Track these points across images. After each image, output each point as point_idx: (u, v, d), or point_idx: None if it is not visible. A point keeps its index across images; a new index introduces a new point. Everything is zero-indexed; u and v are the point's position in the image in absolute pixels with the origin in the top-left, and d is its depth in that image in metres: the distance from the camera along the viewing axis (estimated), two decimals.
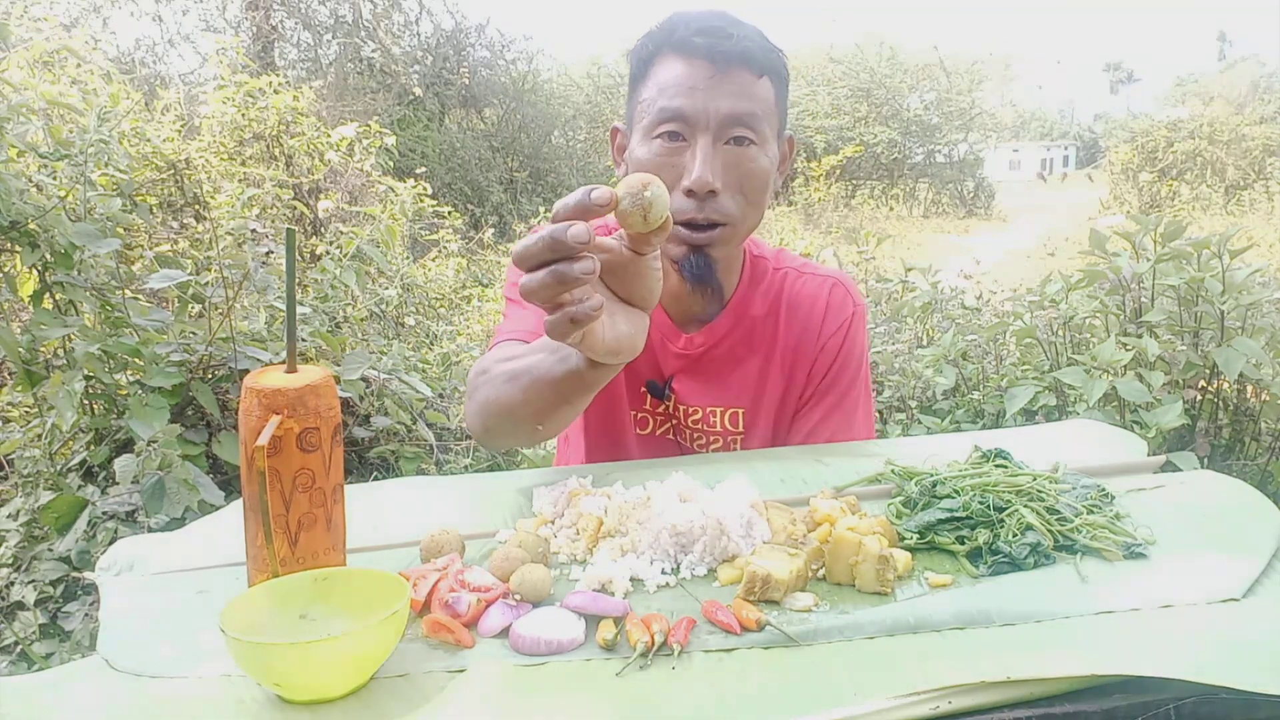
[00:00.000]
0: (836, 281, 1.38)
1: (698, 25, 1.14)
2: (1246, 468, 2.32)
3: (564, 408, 0.98)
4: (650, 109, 1.16)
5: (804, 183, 17.97)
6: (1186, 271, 2.22)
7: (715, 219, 1.16)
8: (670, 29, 1.17)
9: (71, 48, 3.91)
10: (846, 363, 1.35)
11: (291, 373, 0.82)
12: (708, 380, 1.33)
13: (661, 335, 1.32)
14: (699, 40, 1.13)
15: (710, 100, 1.12)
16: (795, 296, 1.35)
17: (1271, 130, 18.22)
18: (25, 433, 2.35)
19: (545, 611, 0.79)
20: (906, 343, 3.13)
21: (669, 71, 1.15)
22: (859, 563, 0.84)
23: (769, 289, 1.35)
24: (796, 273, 1.37)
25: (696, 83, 1.13)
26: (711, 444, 1.35)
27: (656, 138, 1.15)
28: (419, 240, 6.53)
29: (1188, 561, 0.88)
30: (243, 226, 3.20)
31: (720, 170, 1.14)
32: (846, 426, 1.36)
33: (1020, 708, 0.66)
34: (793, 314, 1.34)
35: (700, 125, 1.13)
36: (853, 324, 1.36)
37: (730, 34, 1.14)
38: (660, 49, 1.17)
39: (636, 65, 1.21)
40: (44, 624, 1.91)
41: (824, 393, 1.35)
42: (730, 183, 1.15)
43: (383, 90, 11.81)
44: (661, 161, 1.14)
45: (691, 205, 1.14)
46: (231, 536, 0.98)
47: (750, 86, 1.15)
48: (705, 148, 1.13)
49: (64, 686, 0.73)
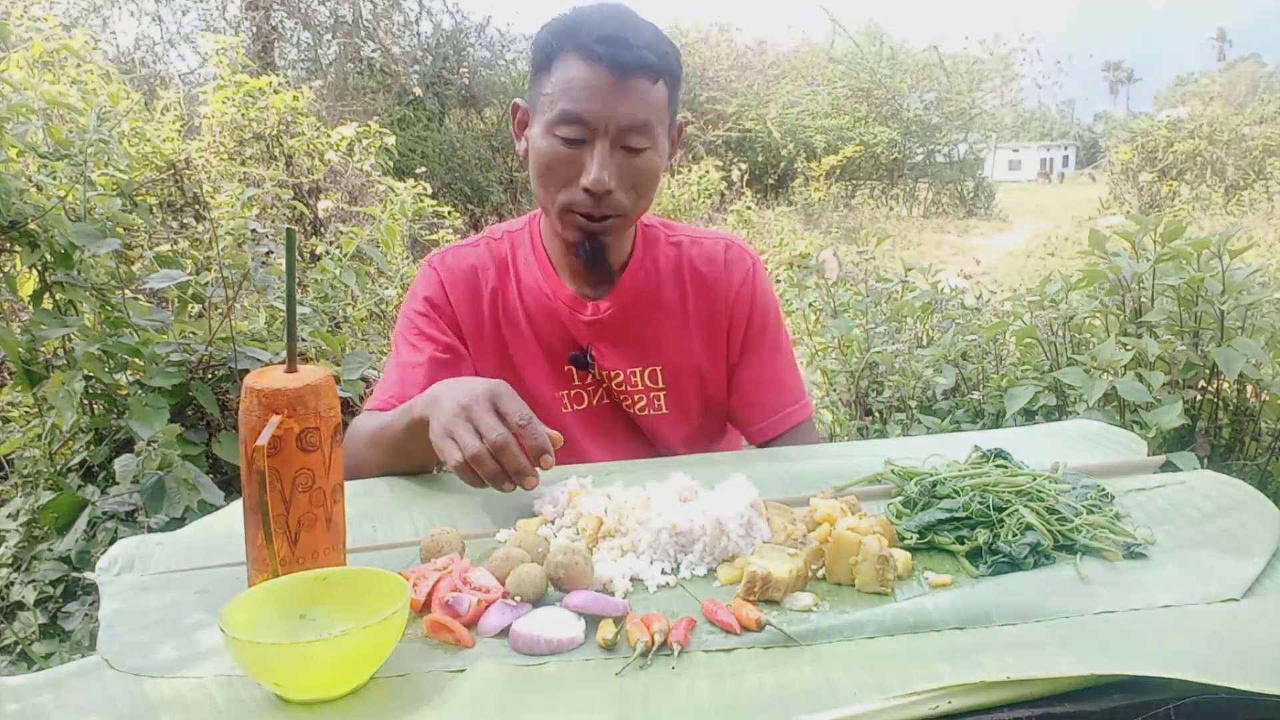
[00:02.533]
0: (730, 242, 1.48)
1: (600, 31, 1.20)
2: (1246, 468, 2.31)
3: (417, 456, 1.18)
4: (552, 105, 1.22)
5: (804, 183, 17.96)
6: (1186, 271, 2.22)
7: (609, 212, 1.26)
8: (574, 29, 1.22)
9: (71, 48, 3.90)
10: (766, 308, 1.46)
11: (291, 373, 0.82)
12: (622, 342, 1.41)
13: (570, 309, 1.39)
14: (600, 48, 1.19)
15: (609, 107, 1.20)
16: (696, 260, 1.44)
17: (1271, 130, 18.21)
18: (25, 433, 2.35)
19: (545, 611, 0.79)
20: (906, 343, 3.12)
21: (571, 72, 1.21)
22: (859, 563, 0.84)
23: (666, 255, 1.44)
24: (690, 240, 1.46)
25: (597, 89, 1.20)
26: (638, 403, 1.43)
27: (557, 136, 1.22)
28: (419, 240, 6.52)
29: (1188, 561, 0.88)
30: (243, 226, 3.20)
31: (615, 171, 1.23)
32: (789, 367, 1.48)
33: (1020, 708, 0.66)
34: (697, 276, 1.44)
35: (599, 130, 1.21)
36: (756, 274, 1.46)
37: (631, 43, 1.20)
38: (563, 46, 1.22)
39: (539, 55, 1.26)
40: (44, 624, 1.91)
41: (757, 339, 1.46)
42: (624, 181, 1.25)
43: (383, 90, 11.80)
44: (561, 156, 1.23)
45: (588, 200, 1.24)
46: (231, 536, 0.98)
47: (647, 94, 1.22)
48: (602, 152, 1.21)
49: (64, 686, 0.73)
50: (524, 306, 1.40)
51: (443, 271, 1.41)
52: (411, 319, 1.40)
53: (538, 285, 1.39)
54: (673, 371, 1.42)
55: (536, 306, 1.39)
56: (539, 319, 1.39)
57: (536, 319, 1.39)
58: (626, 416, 1.44)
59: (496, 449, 1.00)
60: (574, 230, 1.28)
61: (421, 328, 1.39)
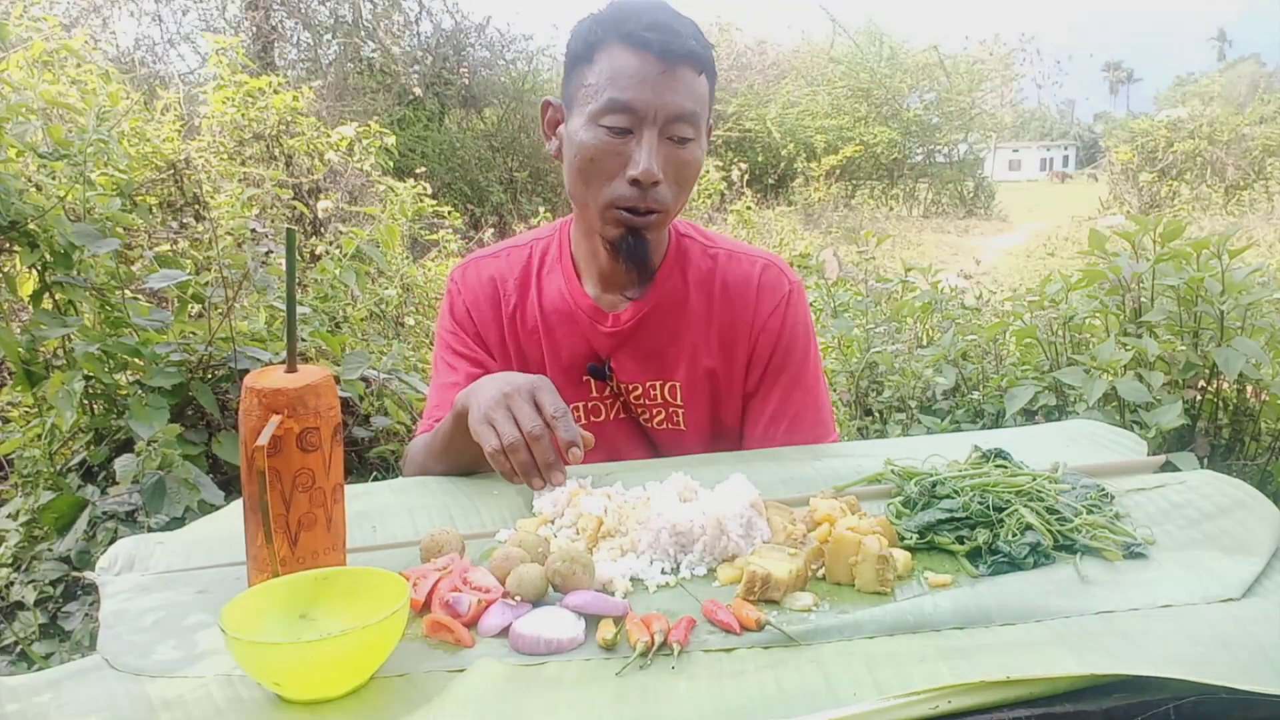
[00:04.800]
0: (768, 263, 1.41)
1: (648, 19, 1.18)
2: (1246, 468, 2.32)
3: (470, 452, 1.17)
4: (597, 96, 1.19)
5: (804, 183, 17.96)
6: (1186, 271, 2.22)
7: (654, 206, 1.23)
8: (620, 19, 1.20)
9: (71, 48, 3.89)
10: (793, 341, 1.38)
11: (291, 373, 0.82)
12: (642, 355, 1.37)
13: (590, 320, 1.36)
14: (650, 35, 1.17)
15: (658, 95, 1.18)
16: (728, 278, 1.38)
17: (1271, 130, 18.20)
18: (25, 433, 2.35)
19: (545, 611, 0.79)
20: (906, 343, 3.13)
21: (618, 62, 1.19)
22: (859, 562, 0.84)
23: (699, 268, 1.38)
24: (728, 254, 1.40)
25: (646, 77, 1.18)
26: (655, 417, 1.40)
27: (602, 125, 1.20)
28: (419, 240, 6.51)
29: (1188, 561, 0.88)
30: (243, 226, 3.20)
31: (662, 162, 1.20)
32: (813, 404, 1.39)
33: (1020, 708, 0.66)
34: (727, 295, 1.38)
35: (647, 119, 1.19)
36: (790, 302, 1.38)
37: (679, 31, 1.19)
38: (608, 36, 1.21)
39: (581, 47, 1.24)
40: (44, 624, 1.91)
41: (776, 373, 1.38)
42: (668, 174, 1.22)
43: (383, 90, 11.80)
44: (606, 148, 1.20)
45: (634, 193, 1.21)
46: (231, 536, 0.98)
47: (693, 84, 1.21)
48: (651, 141, 1.19)
49: (64, 686, 0.73)
50: (543, 316, 1.37)
51: (463, 287, 1.42)
52: (444, 339, 1.42)
53: (559, 293, 1.37)
54: (690, 389, 1.37)
55: (557, 316, 1.37)
56: (558, 328, 1.37)
57: (556, 329, 1.37)
58: (643, 432, 1.41)
59: (531, 439, 1.04)
60: (617, 226, 1.25)
61: (454, 347, 1.41)
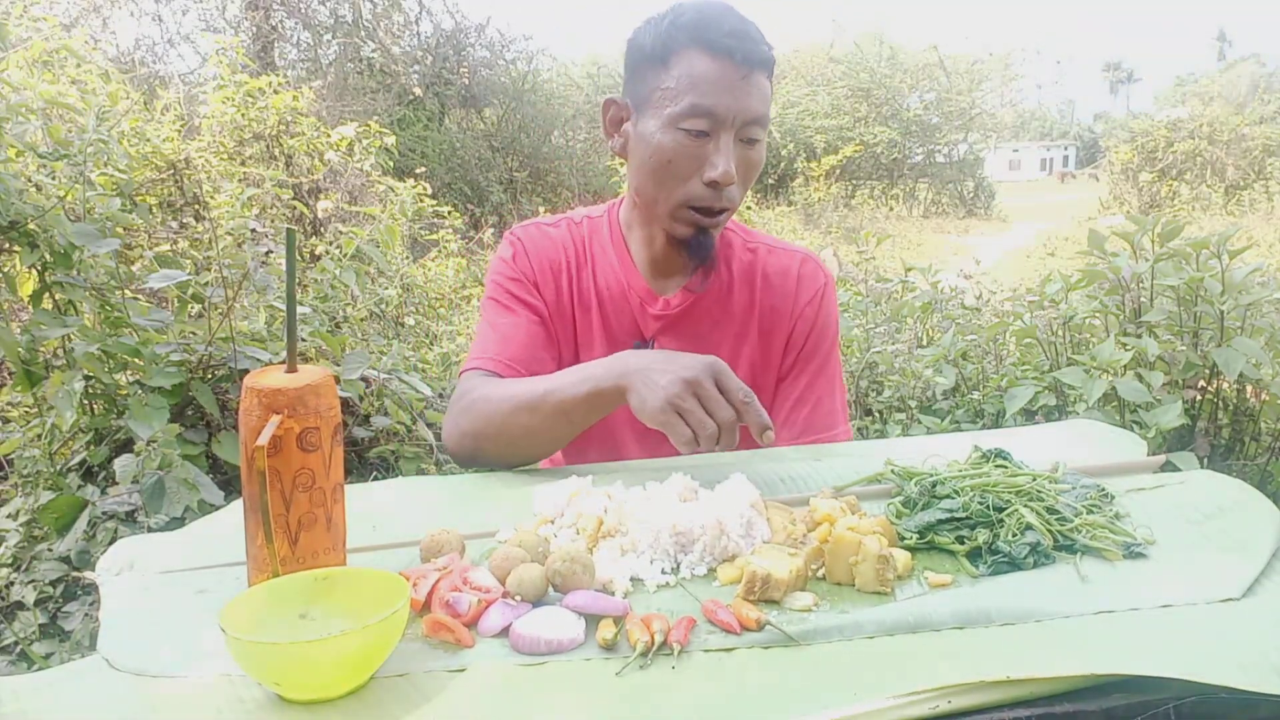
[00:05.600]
0: (806, 256, 1.48)
1: (727, 26, 1.22)
2: (1246, 468, 2.32)
3: (580, 427, 1.19)
4: (676, 100, 1.23)
5: (804, 183, 17.96)
6: (1186, 271, 2.22)
7: (726, 206, 1.28)
8: (699, 24, 1.23)
9: (71, 48, 3.90)
10: (825, 331, 1.45)
11: (291, 373, 0.82)
12: (686, 340, 1.41)
13: (641, 300, 1.41)
14: (732, 43, 1.21)
15: (739, 101, 1.22)
16: (769, 269, 1.44)
17: (1271, 130, 18.21)
18: (25, 433, 2.35)
19: (545, 611, 0.79)
20: (906, 343, 3.12)
21: (698, 67, 1.22)
22: (859, 562, 0.84)
23: (741, 261, 1.44)
24: (768, 248, 1.46)
25: (729, 84, 1.22)
26: None
27: (682, 129, 1.23)
28: (419, 240, 6.52)
29: (1187, 561, 0.88)
30: (243, 226, 3.20)
31: (735, 164, 1.25)
32: (830, 392, 1.45)
33: (1020, 708, 0.66)
34: (768, 286, 1.44)
35: (726, 123, 1.23)
36: (825, 294, 1.46)
37: (754, 38, 1.24)
38: (686, 41, 1.24)
39: (656, 49, 1.26)
40: (44, 624, 1.91)
41: (807, 359, 1.44)
42: (739, 174, 1.27)
43: (383, 90, 11.80)
44: (685, 150, 1.24)
45: (710, 194, 1.26)
46: (231, 536, 0.98)
47: (764, 88, 1.26)
48: (728, 144, 1.23)
49: (64, 686, 0.73)
50: (597, 291, 1.41)
51: (526, 242, 1.43)
52: (501, 284, 1.41)
53: (614, 271, 1.41)
54: None
55: (609, 293, 1.41)
56: (610, 305, 1.41)
57: (607, 304, 1.41)
58: None
59: (726, 429, 1.03)
60: (688, 226, 1.29)
61: (513, 291, 1.40)
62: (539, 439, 1.21)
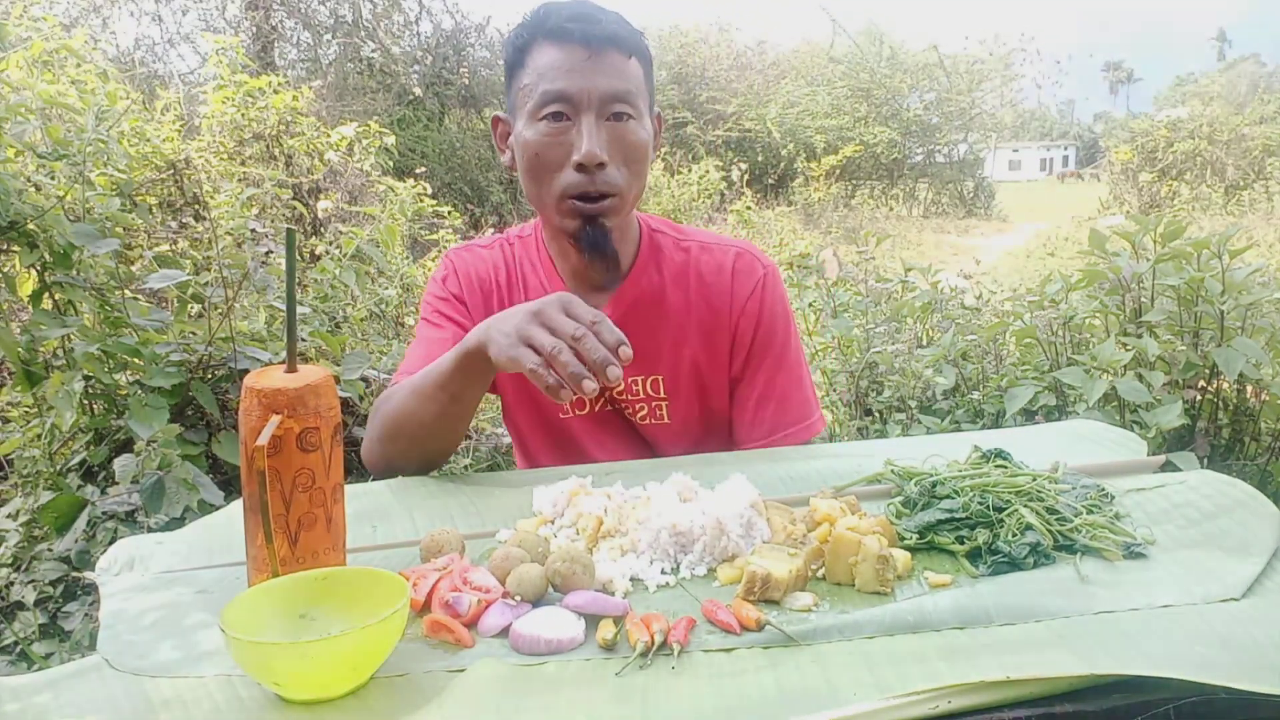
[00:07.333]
0: (741, 250, 1.43)
1: (568, 13, 1.23)
2: (1246, 468, 2.31)
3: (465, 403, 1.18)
4: (532, 93, 1.23)
5: (804, 183, 17.96)
6: (1186, 271, 2.22)
7: (605, 190, 1.24)
8: (542, 18, 1.24)
9: (71, 48, 3.89)
10: (773, 323, 1.40)
11: (291, 373, 0.82)
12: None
13: None
14: (571, 26, 1.22)
15: (589, 80, 1.21)
16: (702, 268, 1.40)
17: (1271, 130, 18.21)
18: (25, 433, 2.35)
19: (545, 611, 0.79)
20: (906, 343, 3.12)
21: (546, 57, 1.23)
22: (859, 562, 0.84)
23: (672, 261, 1.40)
24: (700, 246, 1.42)
25: (574, 65, 1.21)
26: (639, 412, 1.41)
27: (541, 119, 1.22)
28: (419, 240, 6.52)
29: (1188, 561, 0.88)
30: (242, 226, 3.20)
31: (605, 144, 1.22)
32: (796, 383, 1.41)
33: (1020, 708, 0.66)
34: (703, 284, 1.40)
35: (583, 104, 1.21)
36: (766, 285, 1.40)
37: (599, 19, 1.22)
38: (534, 37, 1.25)
39: (513, 54, 1.28)
40: (44, 624, 1.91)
41: (761, 355, 1.40)
42: (615, 155, 1.24)
43: (383, 90, 11.80)
44: (549, 141, 1.22)
45: (583, 179, 1.23)
46: (231, 536, 0.98)
47: (622, 66, 1.24)
48: (590, 124, 1.21)
49: (64, 686, 0.73)
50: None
51: (459, 264, 1.44)
52: (433, 304, 1.43)
53: (543, 288, 1.39)
54: (673, 381, 1.39)
55: None
56: None
57: None
58: (629, 423, 1.42)
59: (576, 342, 0.99)
60: (573, 217, 1.26)
61: (444, 311, 1.41)
62: (431, 426, 1.20)
